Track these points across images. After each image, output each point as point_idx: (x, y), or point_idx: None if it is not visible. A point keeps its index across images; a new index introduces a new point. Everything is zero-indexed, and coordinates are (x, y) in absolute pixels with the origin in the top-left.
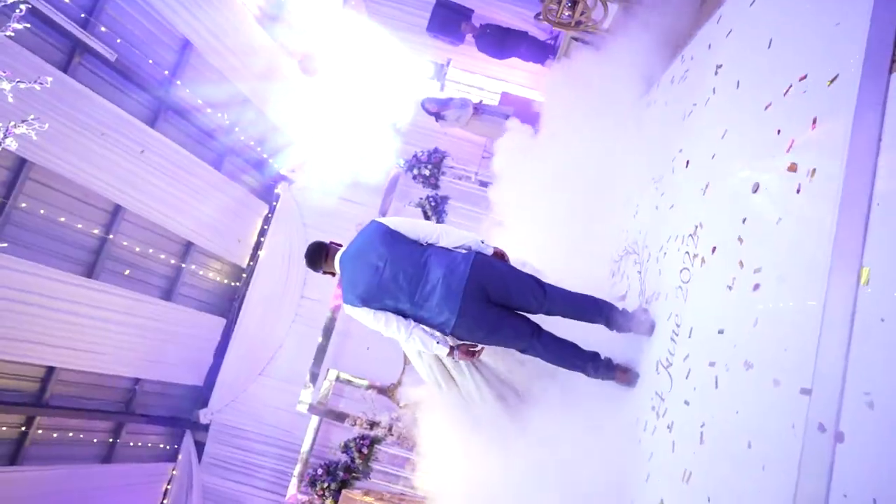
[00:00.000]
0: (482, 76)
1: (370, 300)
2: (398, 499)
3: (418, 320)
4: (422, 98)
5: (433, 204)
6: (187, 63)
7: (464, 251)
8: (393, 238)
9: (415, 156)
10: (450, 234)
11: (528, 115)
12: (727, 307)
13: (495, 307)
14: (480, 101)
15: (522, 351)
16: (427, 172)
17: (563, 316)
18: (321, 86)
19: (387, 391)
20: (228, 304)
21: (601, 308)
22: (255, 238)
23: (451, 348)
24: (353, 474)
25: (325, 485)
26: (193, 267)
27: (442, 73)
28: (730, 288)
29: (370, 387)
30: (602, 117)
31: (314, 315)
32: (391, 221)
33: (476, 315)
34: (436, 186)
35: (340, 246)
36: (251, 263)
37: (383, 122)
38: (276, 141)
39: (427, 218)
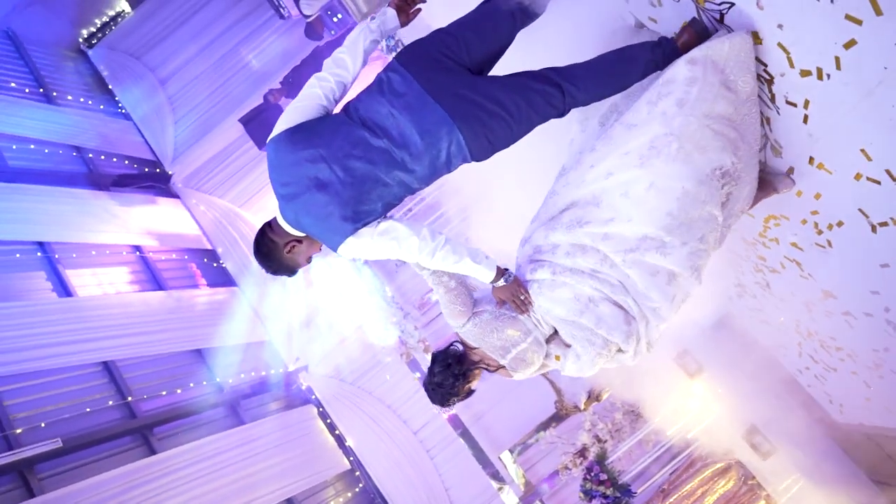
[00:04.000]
0: None
1: (358, 211)
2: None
3: (424, 180)
4: None
5: None
6: (122, 379)
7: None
8: (304, 132)
9: None
10: (340, 61)
11: None
12: None
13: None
14: None
15: (561, 114)
16: None
17: (601, 97)
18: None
19: (559, 414)
20: None
21: (650, 48)
22: (331, 438)
23: (503, 272)
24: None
25: None
26: None
27: None
28: None
29: (543, 427)
30: None
31: (440, 435)
32: (281, 124)
33: (474, 95)
34: None
35: (274, 219)
36: (352, 459)
37: None
38: (255, 354)
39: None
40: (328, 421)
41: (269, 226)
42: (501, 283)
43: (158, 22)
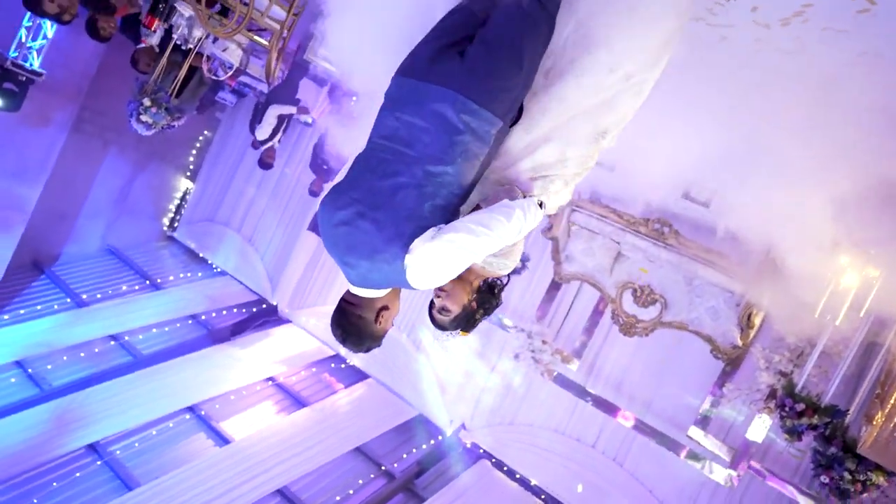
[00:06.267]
0: None
1: (400, 226)
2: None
3: (455, 165)
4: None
5: None
6: (299, 499)
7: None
8: (339, 187)
9: None
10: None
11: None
12: None
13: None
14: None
15: (547, 17)
16: None
17: None
18: None
19: (726, 364)
20: None
21: None
22: (514, 484)
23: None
24: (852, 453)
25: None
26: None
27: None
28: None
29: (718, 386)
30: None
31: (618, 439)
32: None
33: (454, 51)
34: None
35: (349, 294)
36: (543, 497)
37: None
38: (411, 431)
39: None
40: (505, 469)
41: (348, 303)
42: None
43: (215, 183)
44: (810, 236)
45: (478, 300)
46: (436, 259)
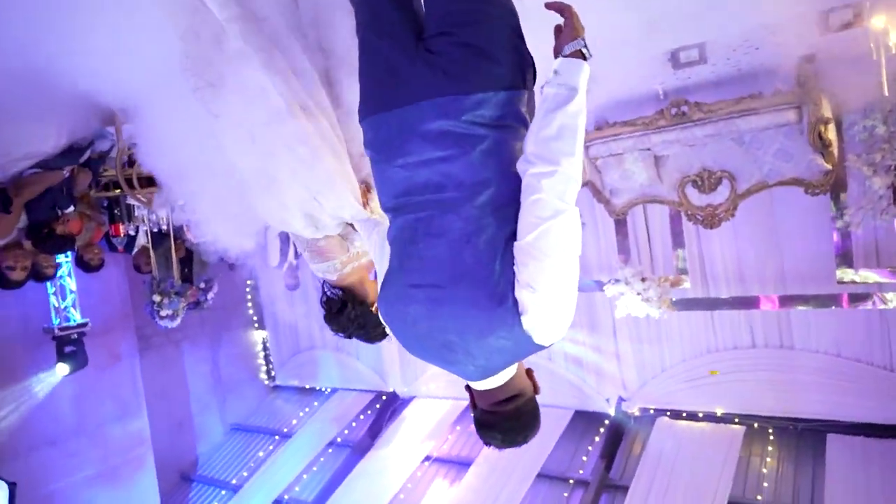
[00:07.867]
0: None
1: (492, 287)
2: None
3: (497, 183)
4: None
5: None
6: None
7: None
8: (389, 282)
9: None
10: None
11: None
12: None
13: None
14: None
15: None
16: None
17: None
18: None
19: (832, 193)
20: None
21: None
22: (702, 424)
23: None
24: None
25: None
26: None
27: None
28: None
29: (841, 215)
30: None
31: (774, 325)
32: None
33: (416, 44)
34: None
35: (489, 394)
36: (737, 420)
37: None
38: (579, 429)
39: None
40: (684, 415)
41: (503, 402)
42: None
43: (283, 319)
44: (831, 17)
45: None
46: (555, 297)
